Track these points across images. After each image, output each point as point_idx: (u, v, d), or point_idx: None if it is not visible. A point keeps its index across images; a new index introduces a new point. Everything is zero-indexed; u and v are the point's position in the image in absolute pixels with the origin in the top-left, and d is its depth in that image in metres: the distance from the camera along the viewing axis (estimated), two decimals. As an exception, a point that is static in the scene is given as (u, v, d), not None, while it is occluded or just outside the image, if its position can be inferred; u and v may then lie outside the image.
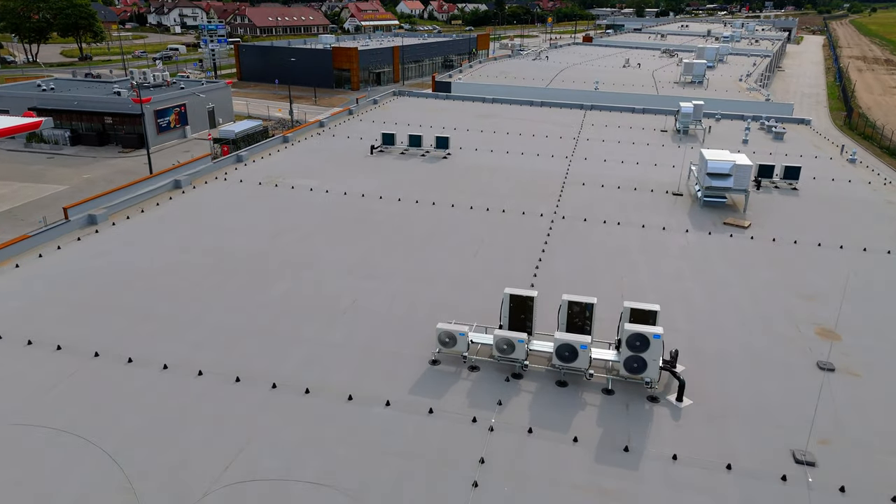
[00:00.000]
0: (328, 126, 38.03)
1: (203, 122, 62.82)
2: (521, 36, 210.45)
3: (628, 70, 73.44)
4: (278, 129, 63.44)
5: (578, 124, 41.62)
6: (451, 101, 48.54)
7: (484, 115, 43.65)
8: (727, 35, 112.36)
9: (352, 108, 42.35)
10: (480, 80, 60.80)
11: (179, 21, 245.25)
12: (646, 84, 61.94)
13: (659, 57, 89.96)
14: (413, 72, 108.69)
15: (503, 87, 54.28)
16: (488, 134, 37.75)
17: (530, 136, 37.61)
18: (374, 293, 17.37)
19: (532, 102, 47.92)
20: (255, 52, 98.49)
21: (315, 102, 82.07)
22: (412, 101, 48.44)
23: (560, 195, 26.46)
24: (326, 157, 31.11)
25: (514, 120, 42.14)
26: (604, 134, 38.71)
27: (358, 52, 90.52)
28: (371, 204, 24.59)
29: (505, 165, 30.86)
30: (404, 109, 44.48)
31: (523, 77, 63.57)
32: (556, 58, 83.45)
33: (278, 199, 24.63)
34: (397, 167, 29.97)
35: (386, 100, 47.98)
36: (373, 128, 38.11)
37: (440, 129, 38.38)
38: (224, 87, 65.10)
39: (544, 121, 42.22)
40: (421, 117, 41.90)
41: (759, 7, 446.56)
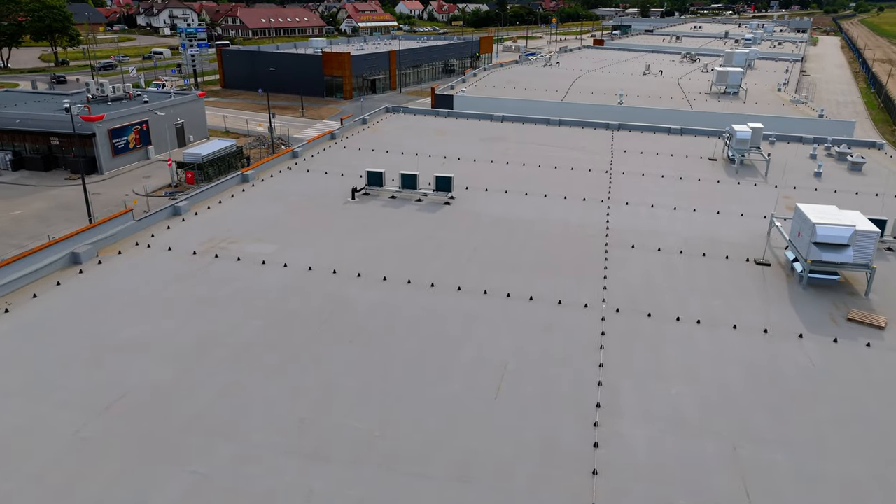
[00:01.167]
0: (303, 157, 31.27)
1: (170, 141, 55.88)
2: (525, 37, 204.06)
3: (650, 78, 66.73)
4: (257, 146, 56.71)
5: (607, 150, 34.87)
6: (454, 120, 41.79)
7: (493, 137, 36.92)
8: (749, 38, 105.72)
9: (335, 132, 35.58)
10: (486, 92, 54.08)
11: (170, 23, 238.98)
12: (674, 96, 55.19)
13: (679, 62, 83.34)
14: (411, 78, 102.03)
15: (513, 102, 47.55)
16: (499, 165, 31.00)
17: (551, 167, 30.87)
18: (334, 495, 10.58)
19: (548, 121, 41.21)
20: (239, 58, 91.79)
21: (302, 114, 75.37)
22: (407, 119, 41.69)
23: (605, 267, 19.66)
24: (294, 205, 24.34)
25: (530, 145, 35.39)
26: (641, 164, 31.95)
27: (350, 57, 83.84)
28: (344, 288, 17.80)
29: (524, 215, 24.09)
30: (398, 132, 37.74)
31: (534, 88, 56.85)
32: (567, 64, 76.75)
33: (212, 284, 17.82)
34: (385, 221, 23.19)
35: (376, 118, 41.24)
36: (358, 158, 31.38)
37: (440, 158, 31.63)
38: (196, 99, 58.12)
39: (566, 145, 35.48)
40: (417, 142, 35.18)
41: (765, 7, 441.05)
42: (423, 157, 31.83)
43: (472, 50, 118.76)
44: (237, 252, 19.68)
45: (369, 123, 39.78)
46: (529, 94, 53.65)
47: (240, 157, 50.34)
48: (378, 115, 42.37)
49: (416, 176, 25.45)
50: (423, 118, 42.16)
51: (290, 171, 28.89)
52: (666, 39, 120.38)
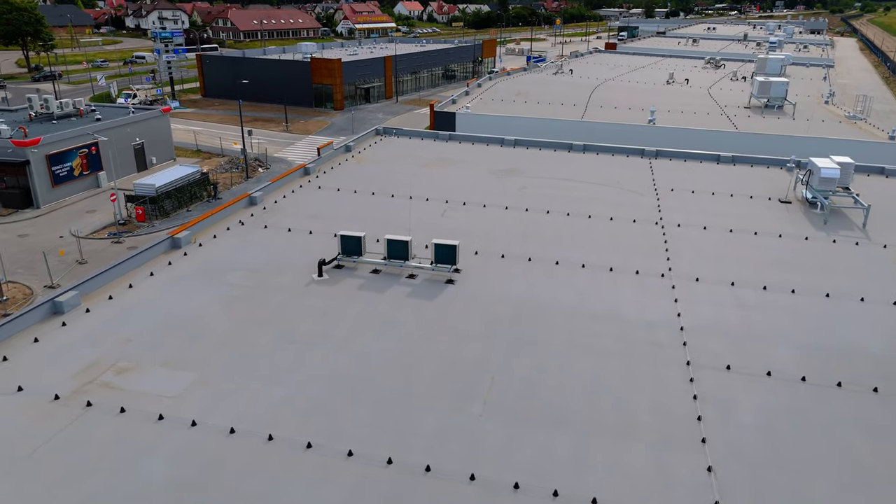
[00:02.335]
0: (263, 203, 24.50)
1: (127, 165, 48.89)
2: (529, 39, 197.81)
3: (676, 88, 60.05)
4: (230, 169, 49.96)
5: (648, 187, 28.15)
6: (457, 145, 35.09)
7: (505, 169, 30.23)
8: (774, 41, 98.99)
9: (309, 166, 28.80)
10: (493, 107, 47.36)
11: (159, 25, 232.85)
12: (710, 110, 48.47)
13: (703, 68, 76.69)
14: (408, 85, 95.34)
15: (526, 121, 40.89)
16: (517, 213, 24.27)
17: (583, 216, 24.16)
18: None
19: (571, 146, 34.51)
20: (221, 64, 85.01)
21: (286, 128, 68.56)
22: (401, 144, 34.99)
23: (699, 417, 12.87)
24: (236, 290, 17.59)
25: (552, 180, 28.67)
26: (696, 209, 25.22)
27: (341, 64, 77.11)
28: (281, 480, 10.99)
29: (559, 303, 17.35)
30: (388, 163, 31.01)
31: (548, 101, 50.15)
32: (580, 71, 70.06)
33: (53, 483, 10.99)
34: (361, 317, 16.44)
35: (363, 144, 34.53)
36: (334, 203, 24.66)
37: (440, 203, 24.88)
38: (159, 115, 51.12)
39: (596, 180, 28.76)
40: (412, 177, 28.47)
41: (770, 6, 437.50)
42: (418, 202, 25.08)
43: (475, 54, 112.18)
44: (125, 392, 12.88)
45: (354, 151, 33.07)
46: (543, 110, 46.98)
47: (205, 185, 43.58)
48: (366, 139, 35.67)
49: (407, 243, 18.65)
50: (420, 143, 35.47)
51: (242, 227, 22.10)
52: (682, 42, 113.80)
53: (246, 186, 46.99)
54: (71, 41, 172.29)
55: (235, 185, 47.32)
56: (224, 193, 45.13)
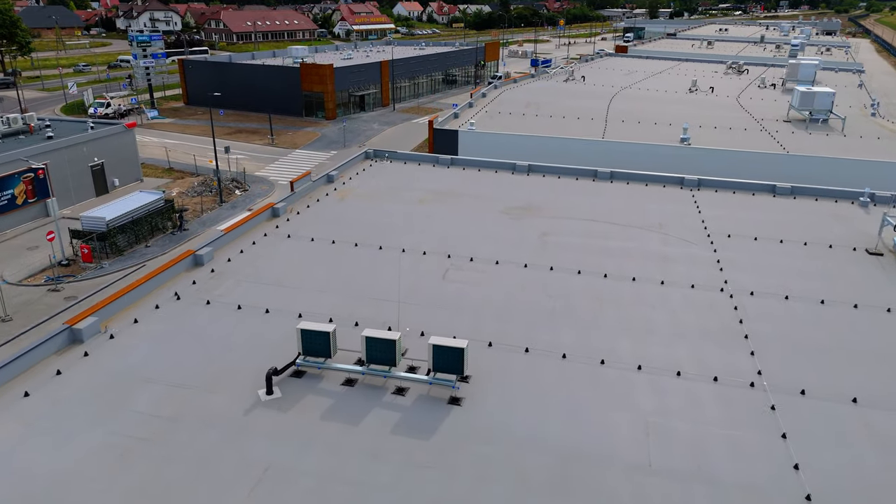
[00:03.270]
0: (213, 262, 19.14)
1: (83, 189, 43.37)
2: (532, 41, 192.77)
3: (701, 98, 54.76)
4: (203, 192, 44.48)
5: (698, 231, 22.85)
6: (460, 172, 29.82)
7: (520, 206, 24.97)
8: (796, 43, 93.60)
9: (278, 207, 23.42)
10: (501, 122, 42.05)
11: (150, 26, 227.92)
12: (746, 125, 43.15)
13: (725, 73, 71.43)
14: (406, 91, 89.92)
15: (540, 141, 35.63)
16: (540, 274, 18.96)
17: (626, 278, 18.84)
18: None
19: (596, 174, 29.25)
20: (204, 70, 79.62)
21: (271, 142, 63.10)
22: (394, 172, 29.70)
23: None
24: (133, 431, 12.20)
25: (579, 223, 23.37)
26: (766, 265, 19.94)
27: (333, 70, 71.67)
28: None
29: (616, 450, 11.97)
30: (377, 199, 25.69)
31: (561, 114, 44.84)
32: (593, 77, 64.76)
33: None
34: (319, 480, 11.05)
35: (350, 172, 29.24)
36: (304, 260, 19.34)
37: (441, 258, 19.53)
38: (123, 131, 45.53)
39: (634, 221, 23.49)
40: (406, 220, 23.21)
41: (774, 6, 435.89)
42: (412, 257, 19.78)
43: (476, 57, 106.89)
44: None
45: (338, 181, 27.78)
46: (557, 125, 41.68)
47: (169, 215, 38.15)
48: (353, 165, 30.40)
49: (394, 343, 13.31)
50: (417, 169, 30.19)
51: (177, 303, 16.72)
52: (695, 45, 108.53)
53: (219, 213, 41.64)
54: (56, 43, 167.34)
55: (208, 211, 41.94)
56: (192, 223, 39.72)
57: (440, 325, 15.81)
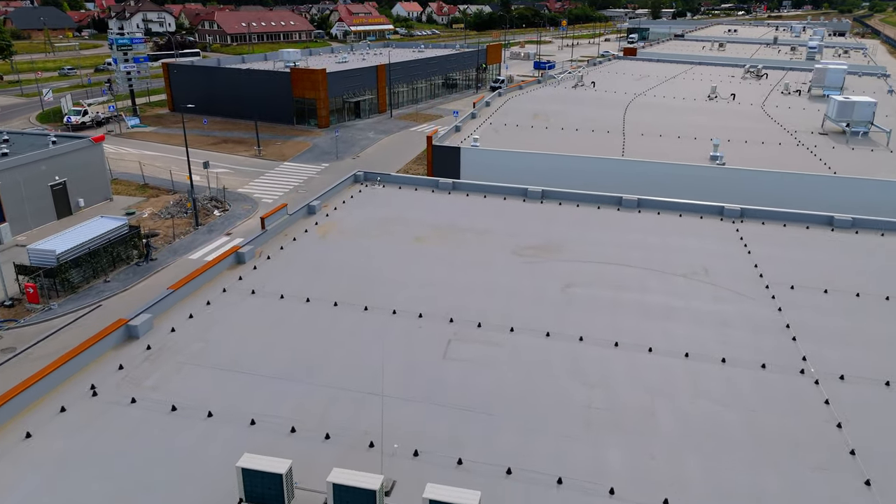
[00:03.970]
0: (150, 335, 15.18)
1: (43, 211, 39.15)
2: (535, 42, 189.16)
3: (723, 106, 50.86)
4: (177, 214, 40.45)
5: (754, 280, 18.96)
6: (464, 199, 25.93)
7: (536, 246, 21.12)
8: (813, 45, 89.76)
9: (244, 252, 19.45)
10: (507, 136, 38.11)
11: (143, 27, 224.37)
12: (779, 138, 39.21)
13: (743, 78, 67.54)
14: (404, 97, 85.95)
15: (552, 160, 31.71)
16: (567, 347, 15.07)
17: (677, 354, 14.93)
18: None
19: (621, 201, 25.40)
20: (190, 75, 75.61)
21: (258, 153, 59.08)
22: (387, 199, 25.79)
23: None
24: None
25: (608, 269, 19.49)
26: (847, 330, 16.06)
27: (326, 75, 67.69)
28: None
29: None
30: (365, 236, 21.76)
31: (574, 127, 40.92)
32: (603, 83, 60.85)
33: None
34: None
35: (335, 201, 25.35)
36: (267, 329, 15.38)
37: (441, 321, 15.57)
38: (89, 145, 41.30)
39: (673, 266, 19.60)
40: (398, 266, 19.34)
41: (777, 6, 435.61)
42: (404, 321, 15.86)
43: (478, 60, 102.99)
44: None
45: (320, 213, 23.88)
46: (570, 139, 37.77)
47: (134, 243, 34.14)
48: (340, 191, 26.50)
49: (374, 495, 9.33)
50: (414, 196, 26.29)
51: (92, 401, 12.75)
52: (706, 47, 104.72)
53: (194, 238, 37.62)
54: (44, 45, 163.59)
55: (181, 236, 37.93)
56: (162, 251, 35.70)
57: (438, 437, 11.88)
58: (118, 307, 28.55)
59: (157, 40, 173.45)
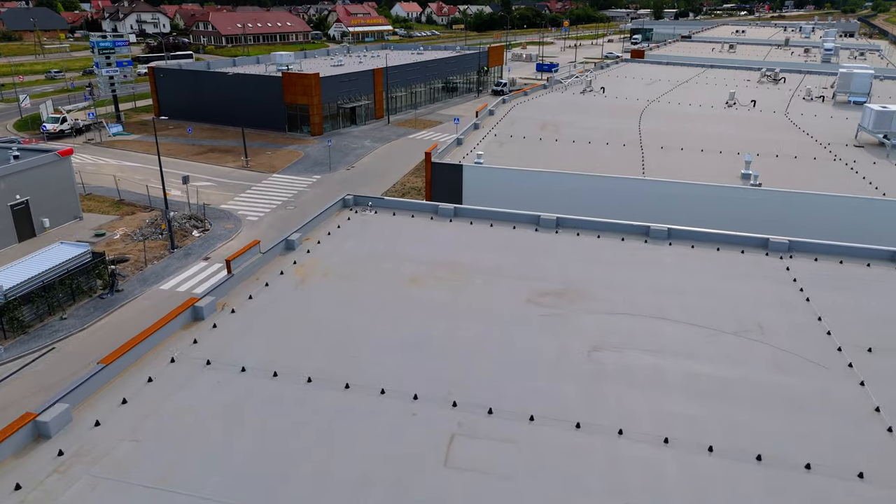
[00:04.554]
0: (60, 439, 11.87)
1: (3, 233, 35.99)
2: (538, 43, 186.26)
3: (744, 114, 47.62)
4: (151, 235, 37.08)
5: (819, 338, 15.79)
6: (467, 229, 22.67)
7: (553, 291, 17.92)
8: (829, 47, 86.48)
9: (202, 307, 16.14)
10: (514, 150, 34.83)
11: (137, 28, 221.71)
12: (812, 151, 35.96)
13: (759, 82, 64.27)
14: (403, 101, 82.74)
15: (565, 179, 28.44)
16: (603, 444, 11.76)
17: (747, 454, 11.64)
18: None
19: (648, 232, 22.18)
20: (178, 79, 72.33)
21: (245, 164, 55.84)
22: (379, 229, 22.53)
23: None
24: None
25: (640, 322, 16.27)
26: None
27: (319, 79, 64.42)
28: None
29: None
30: (351, 278, 18.46)
31: (587, 139, 37.68)
32: (613, 88, 57.60)
33: None
34: None
35: (319, 232, 22.10)
36: (223, 411, 12.02)
37: (442, 406, 12.17)
38: (56, 160, 37.85)
39: (716, 321, 16.32)
40: (389, 319, 16.08)
41: (779, 6, 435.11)
42: (397, 406, 12.56)
43: (479, 63, 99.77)
44: None
45: (302, 248, 20.61)
46: (583, 153, 34.54)
47: (98, 272, 30.84)
48: (326, 221, 23.25)
49: None
50: (409, 224, 23.03)
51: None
52: (715, 48, 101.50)
53: (168, 264, 34.32)
54: (34, 47, 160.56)
55: (154, 261, 34.64)
56: (131, 279, 32.40)
57: None
58: (75, 349, 25.31)
59: (149, 42, 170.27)
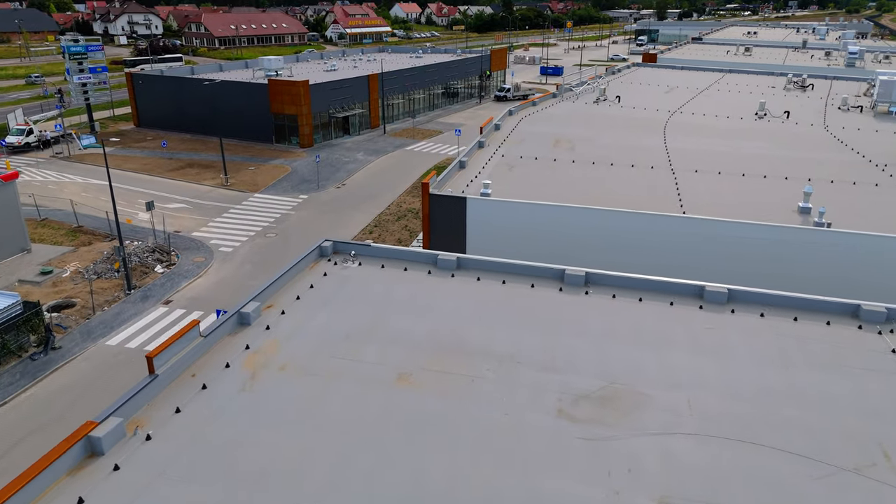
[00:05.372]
0: None
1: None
2: (539, 44, 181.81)
3: (778, 127, 43.04)
4: (108, 273, 32.28)
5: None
6: (473, 288, 18.02)
7: (591, 396, 13.29)
8: (854, 51, 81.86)
9: (101, 437, 11.48)
10: (526, 176, 30.14)
11: (128, 30, 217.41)
12: (877, 179, 31.30)
13: (786, 89, 59.72)
14: (400, 109, 78.11)
15: (588, 216, 23.76)
16: None
17: None
18: None
19: (702, 294, 17.64)
20: (158, 86, 67.59)
21: (225, 182, 51.14)
22: (361, 288, 17.88)
23: None
24: None
25: (717, 447, 11.50)
26: None
27: (309, 87, 59.73)
28: None
29: None
30: (317, 373, 13.79)
31: (608, 160, 33.06)
32: (629, 97, 52.98)
33: None
34: None
35: (285, 296, 17.47)
36: None
37: None
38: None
39: (819, 449, 11.59)
40: (365, 442, 11.27)
41: (782, 7, 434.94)
42: None
43: (481, 67, 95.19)
44: None
45: (259, 322, 15.99)
46: (605, 180, 29.93)
47: (34, 326, 26.19)
48: (295, 278, 18.64)
49: None
50: (401, 281, 18.41)
51: None
52: (730, 51, 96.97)
53: (121, 310, 29.60)
54: (19, 50, 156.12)
55: (105, 306, 29.92)
56: (73, 331, 27.65)
57: None
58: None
59: (139, 44, 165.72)
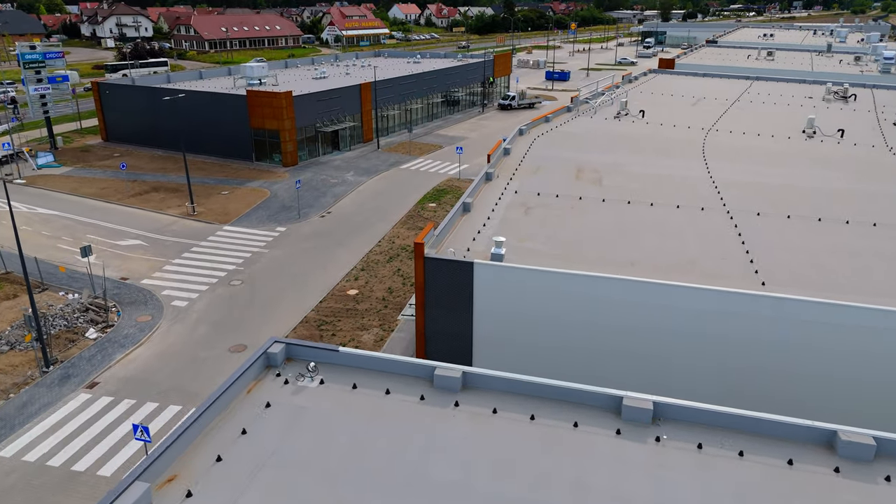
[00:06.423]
0: None
1: None
2: (543, 47, 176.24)
3: (832, 149, 37.28)
4: (25, 344, 26.20)
5: None
6: (481, 426, 12.04)
7: None
8: (889, 56, 76.10)
9: None
10: (546, 223, 24.20)
11: (117, 32, 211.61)
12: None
13: (825, 100, 53.95)
14: (395, 120, 72.33)
15: (633, 290, 17.84)
16: None
17: None
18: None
19: (834, 444, 11.63)
20: (127, 97, 61.55)
21: (191, 211, 44.95)
22: (321, 424, 11.92)
23: None
24: None
25: None
26: None
27: (292, 99, 53.77)
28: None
29: None
30: None
31: (646, 198, 27.24)
32: (653, 111, 47.10)
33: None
34: None
35: (202, 448, 11.48)
36: None
37: None
38: None
39: None
40: None
41: (787, 7, 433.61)
42: None
43: (484, 73, 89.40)
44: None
45: (161, 496, 10.04)
46: (646, 227, 24.08)
47: None
48: (230, 406, 12.72)
49: None
50: (377, 421, 12.44)
51: None
52: (752, 56, 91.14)
53: (32, 397, 23.62)
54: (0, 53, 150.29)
55: (14, 390, 23.97)
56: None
57: None
58: None
59: (126, 48, 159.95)
